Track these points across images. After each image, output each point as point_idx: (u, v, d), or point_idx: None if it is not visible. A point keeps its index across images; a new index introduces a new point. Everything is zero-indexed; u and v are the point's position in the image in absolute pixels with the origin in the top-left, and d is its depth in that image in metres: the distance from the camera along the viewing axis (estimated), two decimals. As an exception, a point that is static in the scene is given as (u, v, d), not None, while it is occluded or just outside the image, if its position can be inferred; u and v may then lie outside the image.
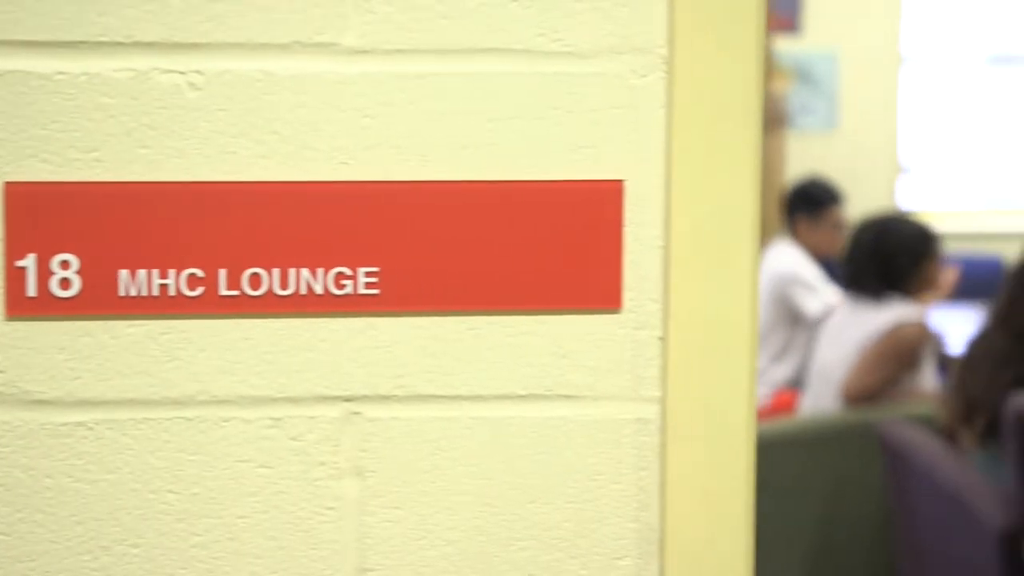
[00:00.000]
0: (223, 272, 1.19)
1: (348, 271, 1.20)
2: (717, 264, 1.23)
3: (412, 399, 1.22)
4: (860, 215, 5.08)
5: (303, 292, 1.20)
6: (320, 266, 1.20)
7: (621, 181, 1.21)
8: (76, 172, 1.17)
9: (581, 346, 1.23)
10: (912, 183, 8.52)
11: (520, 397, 1.22)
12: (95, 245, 1.18)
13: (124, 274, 1.18)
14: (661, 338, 1.23)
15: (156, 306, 1.19)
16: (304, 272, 1.20)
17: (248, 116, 1.18)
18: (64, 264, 1.18)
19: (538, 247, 1.21)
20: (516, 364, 1.22)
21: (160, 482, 1.20)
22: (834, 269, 5.40)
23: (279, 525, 1.22)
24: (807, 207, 5.83)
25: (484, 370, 1.22)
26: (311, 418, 1.21)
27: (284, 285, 1.20)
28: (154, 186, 1.17)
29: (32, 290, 1.17)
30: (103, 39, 1.16)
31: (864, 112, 8.21)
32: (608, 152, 1.21)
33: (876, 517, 4.14)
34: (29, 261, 1.17)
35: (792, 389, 5.24)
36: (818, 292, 5.43)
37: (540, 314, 1.22)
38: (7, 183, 1.16)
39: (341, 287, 1.20)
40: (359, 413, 1.21)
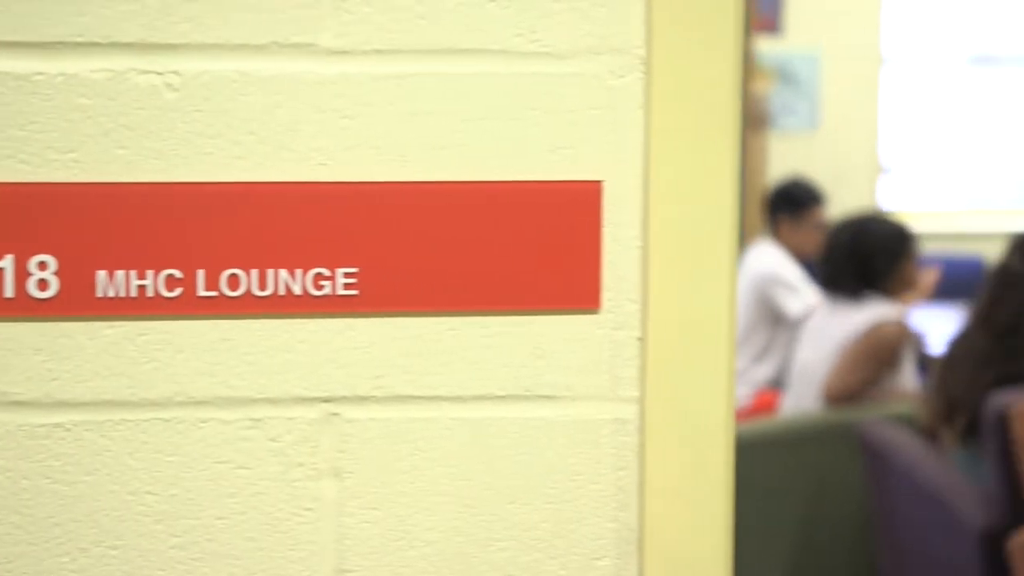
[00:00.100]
0: (201, 273, 1.19)
1: (327, 272, 1.20)
2: (695, 264, 1.23)
3: (391, 400, 1.22)
4: (842, 215, 5.08)
5: (281, 293, 1.20)
6: (299, 267, 1.20)
7: (599, 182, 1.21)
8: (54, 173, 1.17)
9: (559, 346, 1.23)
10: (893, 183, 8.53)
11: (499, 398, 1.23)
12: (73, 246, 1.17)
13: (102, 275, 1.18)
14: (639, 338, 1.23)
15: (134, 307, 1.18)
16: (282, 273, 1.20)
17: (226, 117, 1.18)
18: (42, 265, 1.17)
19: (517, 248, 1.22)
20: (494, 365, 1.22)
21: (138, 483, 1.20)
22: (816, 269, 5.41)
23: (258, 526, 1.22)
24: (789, 207, 5.83)
25: (462, 371, 1.22)
26: (290, 419, 1.21)
27: (262, 286, 1.20)
28: (132, 187, 1.17)
29: (9, 291, 1.17)
30: (80, 40, 1.16)
31: (846, 112, 8.22)
32: (586, 153, 1.21)
33: (857, 517, 4.14)
34: (6, 262, 1.17)
35: (773, 389, 5.25)
36: (799, 292, 5.44)
37: (519, 314, 1.22)
38: (-16, 184, 1.16)
39: (320, 288, 1.20)
40: (338, 414, 1.21)
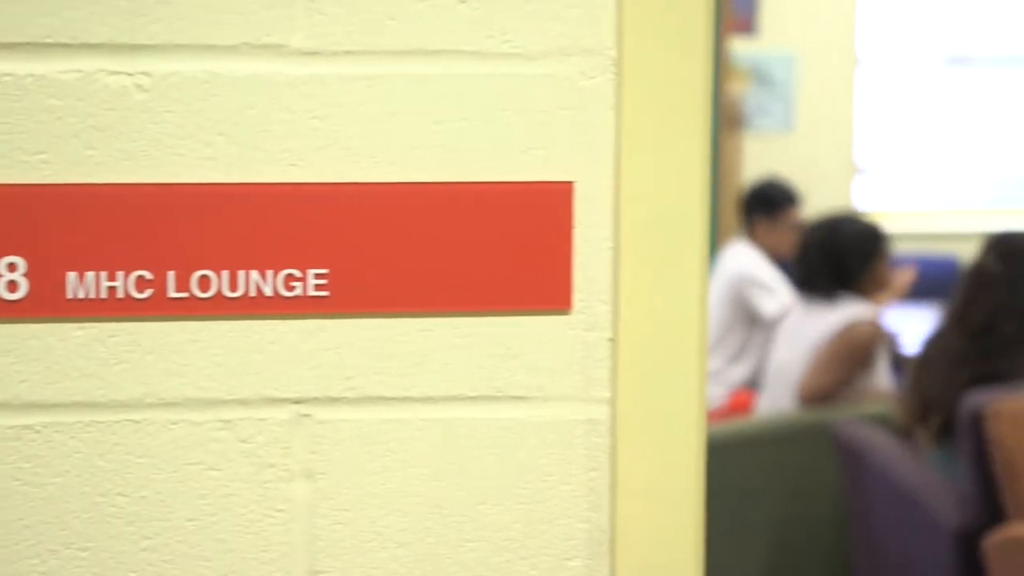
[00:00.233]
0: (171, 274, 1.19)
1: (298, 273, 1.20)
2: (667, 265, 1.23)
3: (362, 401, 1.22)
4: (817, 216, 5.09)
5: (252, 294, 1.19)
6: (269, 268, 1.20)
7: (571, 182, 1.21)
8: (23, 174, 1.16)
9: (531, 347, 1.23)
10: (868, 184, 8.56)
11: (470, 398, 1.22)
12: (42, 247, 1.17)
13: (72, 276, 1.18)
14: (611, 339, 1.23)
15: (104, 308, 1.18)
16: (253, 274, 1.19)
17: (196, 118, 1.17)
18: (11, 267, 1.17)
19: (488, 248, 1.21)
20: (466, 365, 1.22)
21: (108, 485, 1.20)
22: (791, 270, 5.42)
23: (229, 528, 1.22)
24: (765, 208, 5.84)
25: (434, 372, 1.22)
26: (261, 420, 1.21)
27: (233, 287, 1.19)
28: (102, 188, 1.17)
29: (-21, 293, 1.17)
30: (49, 40, 1.15)
31: (821, 113, 8.24)
32: (557, 153, 1.21)
33: (833, 517, 4.15)
34: (-24, 264, 1.17)
35: (749, 389, 5.26)
36: (775, 293, 5.45)
37: (490, 315, 1.22)
38: (-47, 185, 1.16)
39: (291, 289, 1.20)
40: (309, 415, 1.21)
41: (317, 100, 1.18)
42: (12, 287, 1.17)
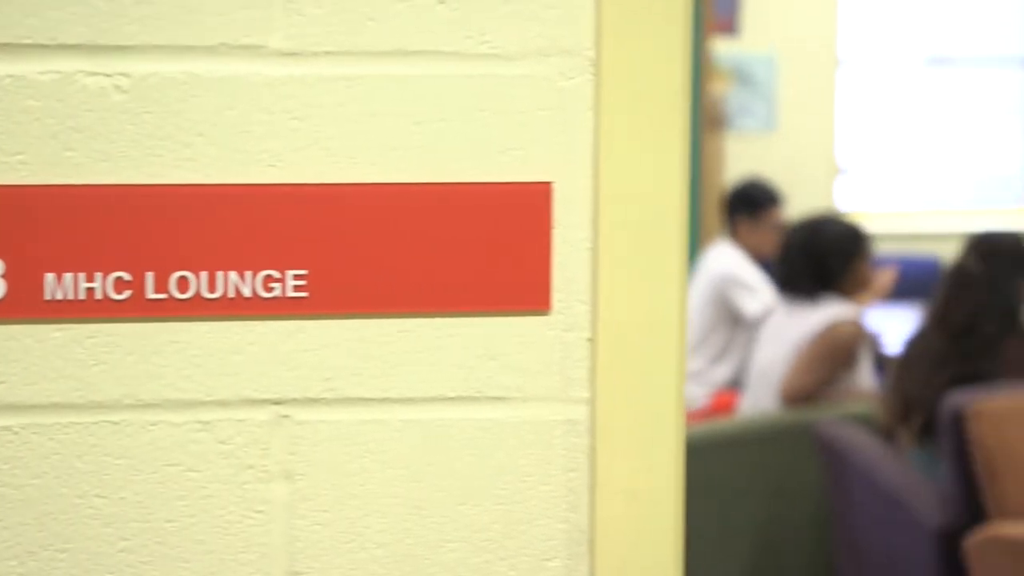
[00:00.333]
0: (150, 275, 1.18)
1: (276, 274, 1.20)
2: (645, 265, 1.23)
3: (341, 402, 1.22)
4: (799, 216, 5.10)
5: (231, 295, 1.19)
6: (248, 269, 1.19)
7: (549, 183, 1.21)
8: (1, 175, 1.16)
9: (510, 348, 1.23)
10: (850, 184, 8.57)
11: (449, 399, 1.23)
12: (20, 249, 1.17)
13: (50, 278, 1.17)
14: (590, 339, 1.23)
15: (82, 310, 1.18)
16: (232, 275, 1.19)
17: (175, 118, 1.17)
18: (-11, 268, 1.17)
19: (467, 249, 1.22)
20: (445, 366, 1.22)
21: (87, 486, 1.20)
22: (773, 270, 5.42)
23: (208, 529, 1.21)
24: (747, 208, 5.85)
25: (413, 372, 1.22)
26: (240, 421, 1.21)
27: (212, 288, 1.19)
28: (80, 189, 1.17)
29: (-43, 294, 1.17)
30: (28, 41, 1.15)
31: (803, 113, 8.25)
32: (536, 154, 1.21)
33: (815, 516, 4.16)
34: (-46, 265, 1.16)
35: (732, 390, 5.26)
36: (757, 293, 5.45)
37: (469, 316, 1.22)
38: (-69, 186, 1.15)
39: (269, 290, 1.20)
40: (288, 416, 1.21)
41: (296, 101, 1.18)
42: (-10, 288, 1.17)
